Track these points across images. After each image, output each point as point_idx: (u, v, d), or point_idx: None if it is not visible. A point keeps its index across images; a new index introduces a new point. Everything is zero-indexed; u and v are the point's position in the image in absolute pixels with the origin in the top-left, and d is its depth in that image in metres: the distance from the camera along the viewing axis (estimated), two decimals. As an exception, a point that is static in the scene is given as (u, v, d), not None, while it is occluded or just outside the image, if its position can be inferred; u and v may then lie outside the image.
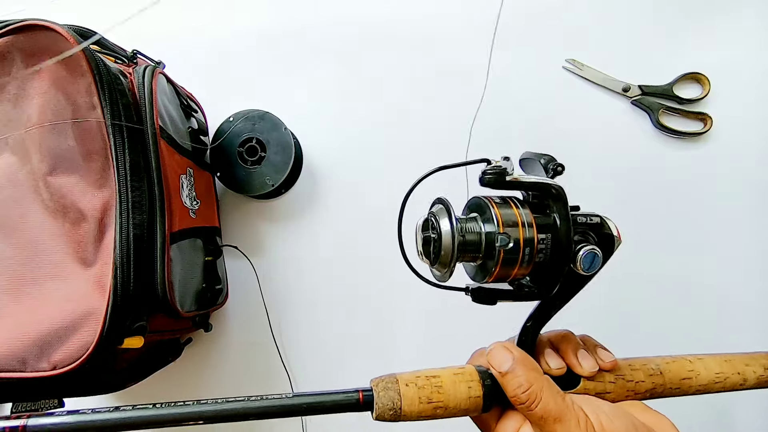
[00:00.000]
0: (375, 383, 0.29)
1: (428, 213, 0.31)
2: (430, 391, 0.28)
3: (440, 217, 0.30)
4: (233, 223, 0.63)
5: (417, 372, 0.29)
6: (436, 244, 0.29)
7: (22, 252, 0.41)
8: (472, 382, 0.29)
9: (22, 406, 0.41)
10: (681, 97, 0.60)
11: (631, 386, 0.32)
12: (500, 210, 0.29)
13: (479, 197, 0.31)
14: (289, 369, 0.60)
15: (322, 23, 0.64)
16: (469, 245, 0.29)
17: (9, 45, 0.40)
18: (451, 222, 0.29)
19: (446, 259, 0.29)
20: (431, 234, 0.30)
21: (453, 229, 0.28)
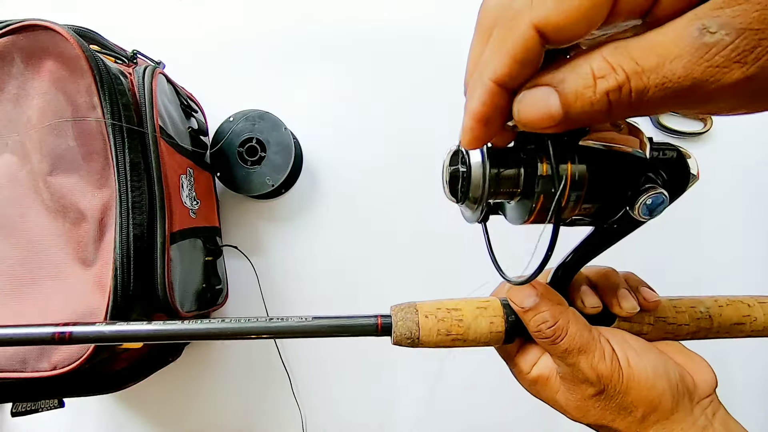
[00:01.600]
0: (394, 311, 0.28)
1: (457, 144, 0.26)
2: (450, 324, 0.27)
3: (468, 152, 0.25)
4: (233, 223, 0.63)
5: (438, 302, 0.27)
6: (465, 179, 0.24)
7: (22, 252, 0.41)
8: (495, 317, 0.27)
9: (22, 406, 0.41)
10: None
11: (672, 329, 0.29)
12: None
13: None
14: (288, 368, 0.60)
15: (322, 23, 0.64)
16: (504, 179, 0.24)
17: (9, 45, 0.41)
18: (483, 152, 0.24)
19: (476, 194, 0.24)
20: (459, 167, 0.25)
21: (484, 160, 0.24)
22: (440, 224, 0.61)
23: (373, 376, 0.60)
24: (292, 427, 0.60)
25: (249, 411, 0.61)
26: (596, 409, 0.26)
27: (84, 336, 0.27)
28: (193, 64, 0.64)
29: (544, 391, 0.28)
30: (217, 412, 0.61)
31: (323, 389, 0.61)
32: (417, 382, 0.60)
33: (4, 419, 0.62)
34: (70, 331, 0.27)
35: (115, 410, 0.62)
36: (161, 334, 0.27)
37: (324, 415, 0.60)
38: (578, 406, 0.26)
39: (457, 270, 0.60)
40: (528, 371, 0.28)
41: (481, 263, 0.60)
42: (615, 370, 0.25)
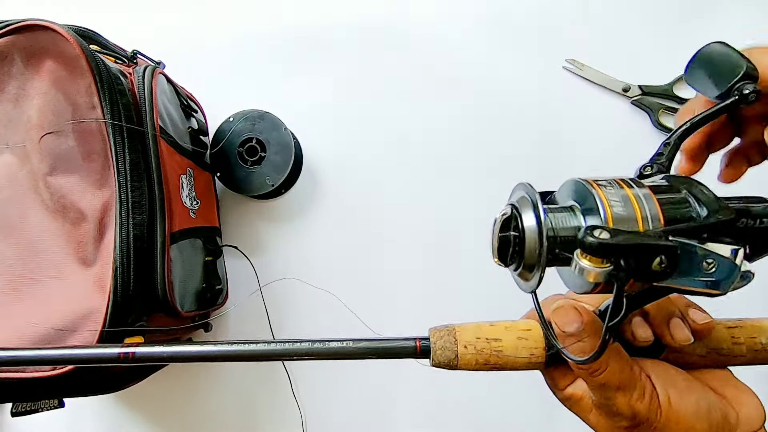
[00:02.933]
0: (434, 337, 0.27)
1: (508, 204, 0.24)
2: (489, 355, 0.26)
3: (523, 210, 0.23)
4: (233, 223, 0.63)
5: (478, 331, 0.27)
6: (518, 245, 0.23)
7: (22, 252, 0.41)
8: (536, 348, 0.26)
9: (22, 406, 0.41)
10: (681, 97, 0.60)
11: (725, 360, 0.27)
12: (606, 193, 0.21)
13: (579, 180, 0.23)
14: (288, 368, 0.60)
15: (322, 23, 0.64)
16: (563, 246, 0.22)
17: (9, 45, 0.41)
18: (538, 216, 0.22)
19: (531, 261, 0.22)
20: (511, 233, 0.23)
21: (540, 225, 0.21)
22: (441, 224, 0.61)
23: (373, 376, 0.60)
24: (292, 427, 0.60)
25: (249, 411, 0.61)
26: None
27: (146, 356, 0.29)
28: (193, 64, 0.64)
29: (576, 409, 0.27)
30: (217, 412, 0.61)
31: (323, 389, 0.61)
32: (417, 381, 0.60)
33: (4, 419, 0.62)
34: (133, 351, 0.28)
35: (115, 410, 0.62)
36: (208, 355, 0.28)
37: (324, 415, 0.60)
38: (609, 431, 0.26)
39: (458, 270, 0.60)
40: (563, 388, 0.27)
41: (482, 263, 0.60)
42: (653, 410, 0.24)
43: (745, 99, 0.25)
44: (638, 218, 0.21)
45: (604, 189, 0.22)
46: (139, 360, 0.28)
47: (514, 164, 0.61)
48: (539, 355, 0.26)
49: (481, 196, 0.61)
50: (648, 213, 0.21)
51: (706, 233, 0.20)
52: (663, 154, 0.27)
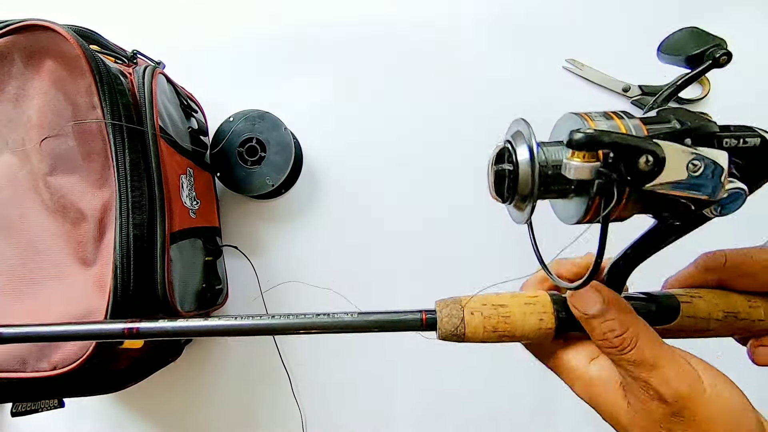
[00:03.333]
0: (439, 306, 0.27)
1: (504, 140, 0.24)
2: (497, 321, 0.25)
3: (517, 144, 0.23)
4: (233, 223, 0.63)
5: (484, 297, 0.26)
6: (512, 179, 0.23)
7: (22, 252, 0.41)
8: (545, 313, 0.26)
9: (22, 406, 0.41)
10: (681, 97, 0.60)
11: (744, 325, 0.26)
12: (597, 123, 0.22)
13: (572, 113, 0.24)
14: (288, 369, 0.60)
15: (322, 23, 0.64)
16: (555, 178, 0.22)
17: (9, 45, 0.41)
18: (531, 148, 0.22)
19: (524, 192, 0.22)
20: (506, 166, 0.23)
21: (533, 158, 0.22)
22: (441, 223, 0.61)
23: (372, 376, 0.60)
24: (292, 427, 0.60)
25: (249, 411, 0.61)
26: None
27: (150, 331, 0.28)
28: (193, 64, 0.64)
29: (603, 398, 0.24)
30: (217, 412, 0.61)
31: (323, 389, 0.61)
32: (417, 382, 0.60)
33: (4, 419, 0.62)
34: (138, 326, 0.28)
35: (115, 410, 0.62)
36: (214, 329, 0.28)
37: (324, 415, 0.60)
38: (644, 427, 0.22)
39: (459, 270, 0.60)
40: (584, 369, 0.24)
41: (483, 263, 0.60)
42: (699, 392, 0.21)
43: (717, 62, 0.24)
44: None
45: (595, 120, 0.22)
46: (144, 335, 0.28)
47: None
48: (549, 320, 0.25)
49: (481, 195, 0.61)
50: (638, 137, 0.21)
51: (691, 139, 0.21)
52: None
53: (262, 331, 0.28)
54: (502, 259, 0.59)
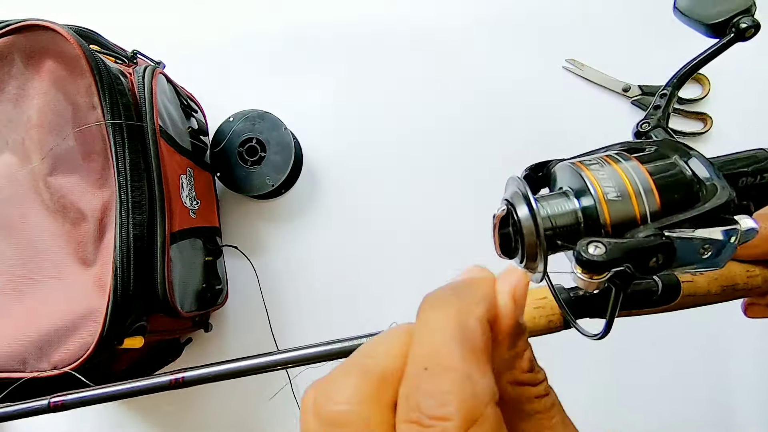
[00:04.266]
0: None
1: (503, 201, 0.24)
2: None
3: (517, 204, 0.22)
4: (233, 223, 0.63)
5: None
6: (519, 240, 0.22)
7: (22, 252, 0.41)
8: (554, 315, 0.27)
9: (22, 406, 0.41)
10: (681, 97, 0.60)
11: (742, 293, 0.27)
12: (594, 173, 0.21)
13: (568, 163, 0.23)
14: (289, 369, 0.60)
15: (322, 23, 0.64)
16: (561, 231, 0.21)
17: (9, 45, 0.41)
18: (530, 205, 0.21)
19: (533, 252, 0.22)
20: (510, 229, 0.23)
21: (535, 216, 0.21)
22: (441, 223, 0.61)
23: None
24: (292, 427, 0.60)
25: (249, 411, 0.61)
26: None
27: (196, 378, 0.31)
28: (193, 64, 0.64)
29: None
30: (217, 412, 0.61)
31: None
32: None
33: (4, 419, 0.62)
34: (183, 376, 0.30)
35: (115, 410, 0.62)
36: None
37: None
38: None
39: (458, 267, 0.60)
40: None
41: (483, 261, 0.59)
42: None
43: (742, 35, 0.23)
44: (631, 194, 0.20)
45: (592, 169, 0.21)
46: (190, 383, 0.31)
47: (514, 164, 0.61)
48: (557, 320, 0.27)
49: (481, 195, 0.61)
50: (640, 186, 0.21)
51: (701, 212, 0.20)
52: (659, 106, 0.27)
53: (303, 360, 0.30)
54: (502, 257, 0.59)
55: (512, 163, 0.64)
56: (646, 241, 0.19)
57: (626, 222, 0.20)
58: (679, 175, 0.21)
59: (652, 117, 0.27)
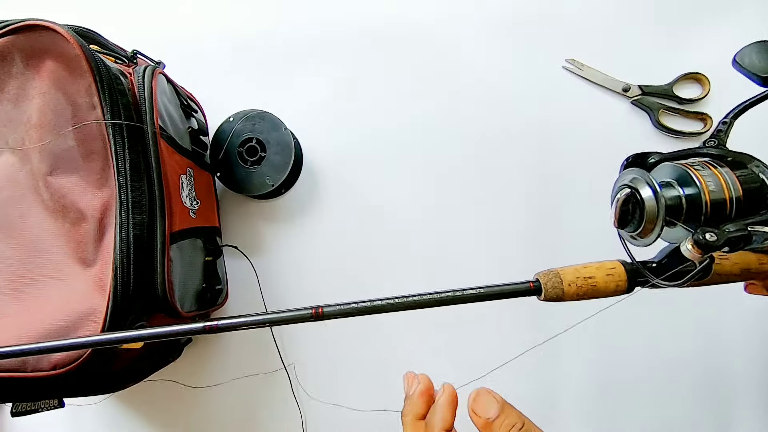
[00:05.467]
0: (542, 278, 0.33)
1: (621, 185, 0.32)
2: (587, 289, 0.33)
3: (640, 187, 0.30)
4: (233, 223, 0.63)
5: (576, 271, 0.33)
6: (638, 214, 0.30)
7: (22, 252, 0.41)
8: (621, 281, 0.33)
9: (22, 406, 0.41)
10: (681, 97, 0.60)
11: (754, 275, 0.35)
12: (698, 171, 0.30)
13: (678, 164, 0.31)
14: (289, 369, 0.60)
15: (323, 23, 0.64)
16: (669, 208, 0.30)
17: (9, 45, 0.41)
18: (653, 187, 0.30)
19: (651, 221, 0.30)
20: (629, 206, 0.31)
21: (657, 194, 0.29)
22: (441, 223, 0.61)
23: (373, 376, 0.60)
24: (292, 427, 0.60)
25: (249, 411, 0.61)
26: None
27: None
28: (193, 64, 0.64)
29: None
30: (218, 412, 0.61)
31: (323, 389, 0.61)
32: (417, 382, 0.60)
33: (4, 419, 0.62)
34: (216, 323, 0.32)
35: (115, 410, 0.62)
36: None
37: (324, 416, 0.60)
38: None
39: (458, 269, 0.60)
40: None
41: (480, 262, 0.60)
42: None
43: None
44: (725, 191, 0.30)
45: (696, 168, 0.30)
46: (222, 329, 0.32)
47: (514, 163, 0.61)
48: (623, 284, 0.33)
49: (481, 195, 0.61)
50: (731, 188, 0.30)
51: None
52: (721, 131, 0.35)
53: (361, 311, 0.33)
54: (501, 255, 0.59)
55: (512, 162, 0.64)
56: (738, 233, 0.27)
57: (719, 212, 0.30)
58: (758, 183, 0.30)
59: (716, 137, 0.35)
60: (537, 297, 0.34)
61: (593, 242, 0.59)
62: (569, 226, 0.60)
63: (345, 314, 0.33)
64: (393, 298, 0.32)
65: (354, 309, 0.32)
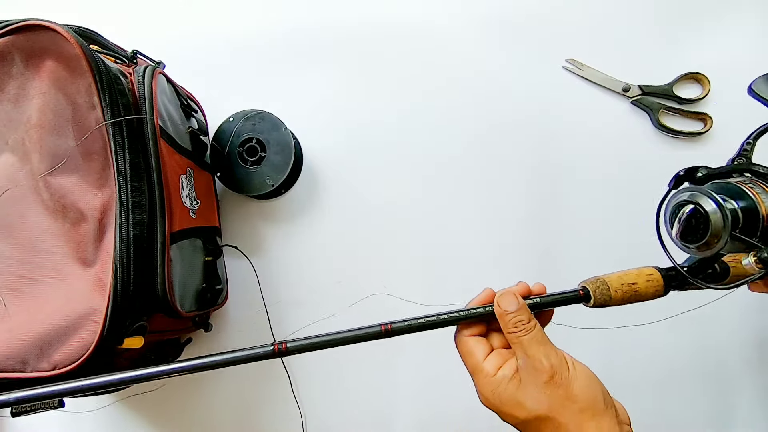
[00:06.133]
0: (590, 285, 0.37)
1: (678, 201, 0.34)
2: (631, 294, 0.36)
3: (702, 201, 0.33)
4: (233, 223, 0.63)
5: (620, 278, 0.36)
6: (702, 228, 0.32)
7: (22, 252, 0.41)
8: (659, 286, 0.36)
9: (22, 406, 0.41)
10: (681, 97, 0.60)
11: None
12: (754, 189, 0.33)
13: (723, 182, 0.35)
14: (288, 369, 0.60)
15: (323, 23, 0.64)
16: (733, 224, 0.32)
17: (9, 45, 0.41)
18: (716, 201, 0.32)
19: (717, 233, 0.32)
20: (692, 221, 0.33)
21: (722, 207, 0.31)
22: (441, 222, 0.61)
23: (373, 376, 0.60)
24: (292, 428, 0.60)
25: (249, 411, 0.61)
26: (547, 396, 0.32)
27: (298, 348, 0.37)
28: (193, 64, 0.64)
29: (507, 388, 0.33)
30: (218, 412, 0.61)
31: (323, 389, 0.61)
32: (417, 383, 0.60)
33: (4, 419, 0.62)
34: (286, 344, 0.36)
35: (115, 410, 0.62)
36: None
37: (324, 415, 0.60)
38: (534, 396, 0.32)
39: (457, 268, 0.60)
40: (494, 373, 0.34)
41: (479, 261, 0.60)
42: (563, 362, 0.33)
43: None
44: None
45: (751, 186, 0.34)
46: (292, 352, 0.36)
47: (515, 163, 0.61)
48: (660, 288, 0.37)
49: (481, 194, 0.61)
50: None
51: None
52: (747, 150, 0.38)
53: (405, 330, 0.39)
54: (502, 254, 0.59)
55: (512, 161, 0.64)
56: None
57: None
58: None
59: (743, 155, 0.38)
60: (584, 304, 0.37)
61: (593, 242, 0.60)
62: (569, 225, 0.60)
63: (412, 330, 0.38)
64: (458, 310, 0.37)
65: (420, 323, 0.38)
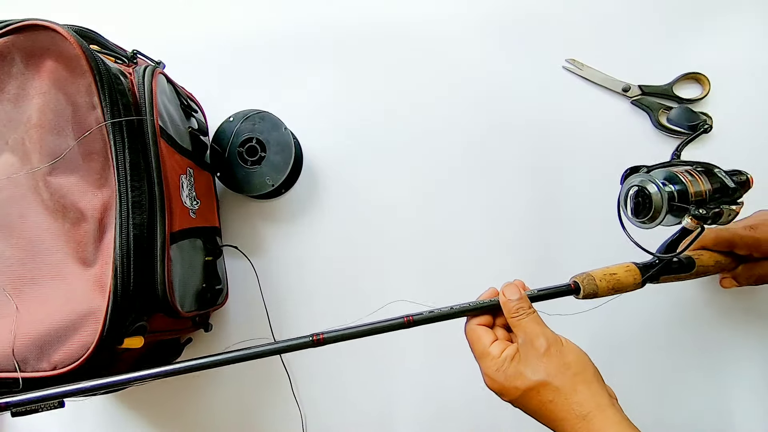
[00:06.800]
0: (580, 279, 0.42)
1: (628, 186, 0.42)
2: (614, 284, 0.42)
3: (647, 186, 0.41)
4: (233, 223, 0.63)
5: (602, 271, 0.43)
6: (647, 206, 0.40)
7: (22, 252, 0.41)
8: (636, 275, 0.43)
9: (22, 408, 0.41)
10: (681, 97, 0.60)
11: (721, 269, 0.49)
12: (687, 176, 0.41)
13: (667, 170, 0.42)
14: (288, 369, 0.60)
15: (323, 23, 0.64)
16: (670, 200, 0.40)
17: (9, 45, 0.41)
18: (658, 185, 0.40)
19: (658, 210, 0.40)
20: (639, 199, 0.41)
21: (661, 190, 0.40)
22: (441, 222, 0.61)
23: (373, 376, 0.60)
24: (292, 427, 0.60)
25: (249, 411, 0.61)
26: (545, 364, 0.37)
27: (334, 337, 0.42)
28: (193, 64, 0.64)
29: (510, 365, 0.38)
30: (218, 412, 0.61)
31: (323, 389, 0.61)
32: (417, 383, 0.60)
33: (4, 419, 0.62)
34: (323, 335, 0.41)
35: (115, 410, 0.62)
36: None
37: (324, 415, 0.60)
38: (533, 365, 0.37)
39: (456, 268, 0.60)
40: (499, 355, 0.39)
41: (477, 260, 0.60)
42: (557, 339, 0.39)
43: (705, 131, 0.53)
44: (701, 184, 0.40)
45: (683, 173, 0.41)
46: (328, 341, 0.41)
47: (515, 163, 0.61)
48: (638, 278, 0.43)
49: (481, 194, 0.61)
50: (705, 183, 0.41)
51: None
52: (678, 154, 0.45)
53: (423, 321, 0.44)
54: (502, 254, 0.59)
55: (512, 161, 0.64)
56: (715, 209, 0.39)
57: (700, 200, 0.40)
58: (719, 181, 0.42)
59: (677, 155, 0.46)
60: (575, 296, 0.42)
61: (593, 241, 0.60)
62: (569, 225, 0.60)
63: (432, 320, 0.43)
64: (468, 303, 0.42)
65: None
